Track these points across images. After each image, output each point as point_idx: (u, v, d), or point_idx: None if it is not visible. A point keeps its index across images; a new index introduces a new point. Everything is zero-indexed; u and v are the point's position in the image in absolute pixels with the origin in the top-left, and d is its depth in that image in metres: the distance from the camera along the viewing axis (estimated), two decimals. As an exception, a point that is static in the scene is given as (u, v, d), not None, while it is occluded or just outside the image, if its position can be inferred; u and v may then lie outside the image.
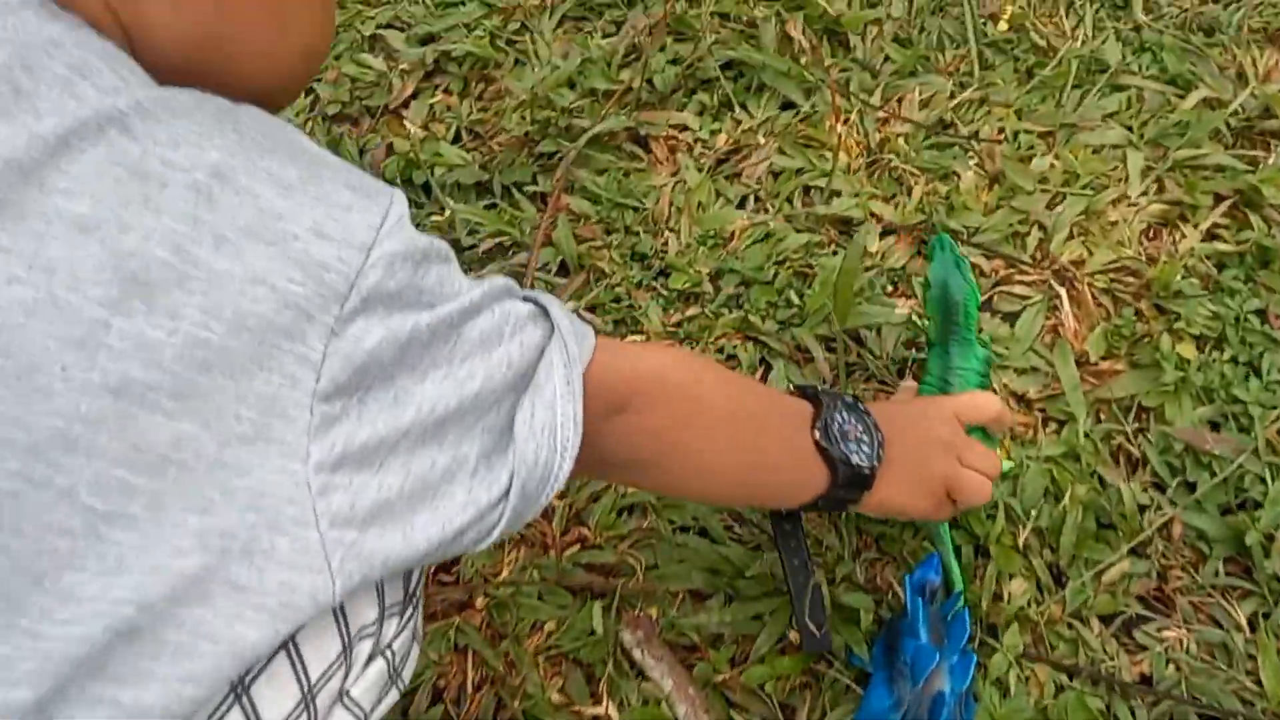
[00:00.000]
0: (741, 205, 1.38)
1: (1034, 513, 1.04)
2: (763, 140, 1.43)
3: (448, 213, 1.39)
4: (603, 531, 1.07)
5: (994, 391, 1.11)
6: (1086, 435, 1.09)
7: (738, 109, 1.49)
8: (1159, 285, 1.19)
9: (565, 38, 1.62)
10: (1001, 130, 1.41)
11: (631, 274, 1.30)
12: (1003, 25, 1.54)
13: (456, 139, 1.53)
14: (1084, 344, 1.16)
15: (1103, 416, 1.12)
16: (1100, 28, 1.54)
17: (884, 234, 1.30)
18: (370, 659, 0.61)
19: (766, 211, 1.36)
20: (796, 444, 0.79)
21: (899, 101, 1.48)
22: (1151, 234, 1.28)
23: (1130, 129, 1.38)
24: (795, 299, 1.24)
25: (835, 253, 1.29)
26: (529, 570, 1.05)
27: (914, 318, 1.20)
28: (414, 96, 1.60)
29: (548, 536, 1.08)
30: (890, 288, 1.25)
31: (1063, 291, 1.21)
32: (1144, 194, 1.31)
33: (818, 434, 0.79)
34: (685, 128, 1.48)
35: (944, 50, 1.53)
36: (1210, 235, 1.26)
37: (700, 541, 1.05)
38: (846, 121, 1.44)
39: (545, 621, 1.02)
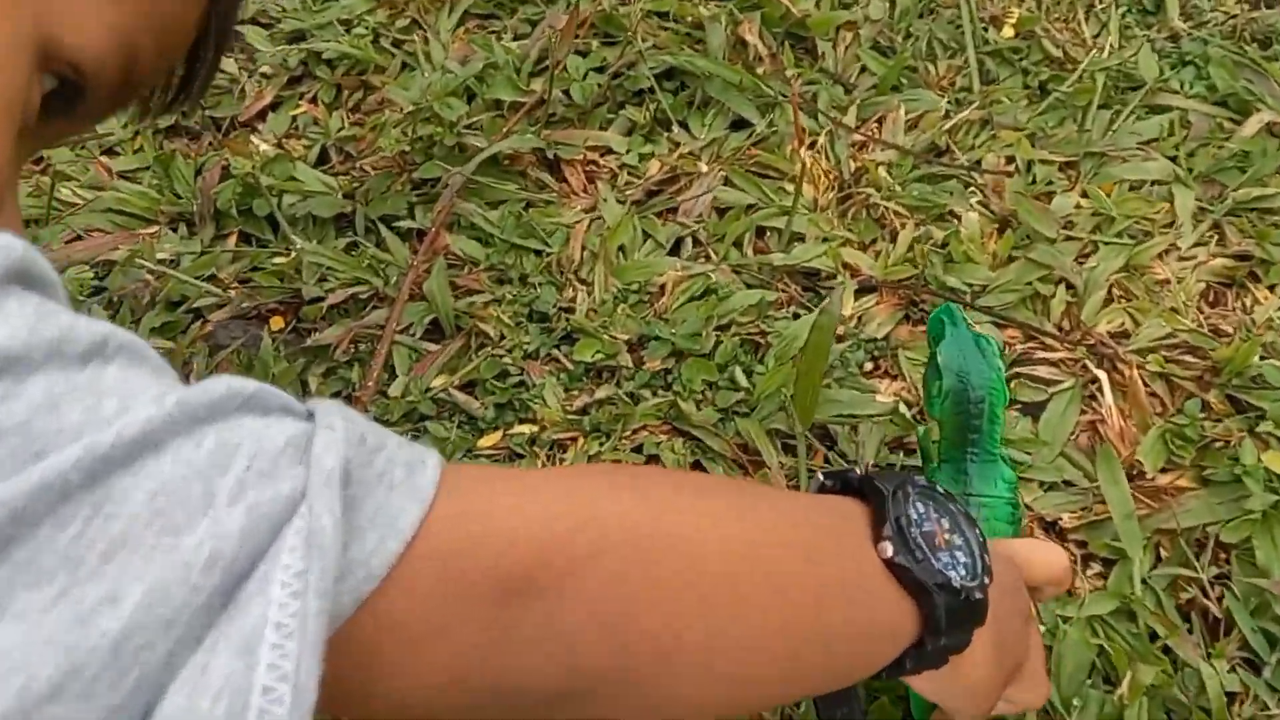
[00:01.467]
0: (675, 250, 1.06)
1: (1077, 703, 0.72)
2: (706, 167, 1.12)
3: (293, 254, 1.07)
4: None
5: (1023, 525, 0.80)
6: (1145, 583, 0.78)
7: (676, 128, 1.18)
8: (1231, 369, 0.88)
9: (466, 38, 1.31)
10: (1010, 160, 1.10)
11: (526, 339, 0.97)
12: (1007, 31, 1.24)
13: (322, 160, 1.21)
14: (1135, 450, 0.85)
15: (1164, 553, 0.81)
16: (1128, 36, 1.24)
17: (860, 292, 0.99)
18: None
19: (708, 259, 1.04)
20: (855, 574, 0.48)
21: (879, 122, 1.17)
22: (1213, 297, 0.98)
23: (1175, 160, 1.08)
24: (742, 378, 0.92)
25: (796, 316, 0.97)
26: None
27: (901, 407, 0.89)
28: (274, 107, 1.28)
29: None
30: (869, 364, 0.94)
31: (1103, 375, 0.90)
32: (1200, 244, 1.01)
33: (889, 547, 0.47)
34: (609, 150, 1.16)
35: (935, 60, 1.23)
36: (1293, 299, 0.96)
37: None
38: (813, 146, 1.13)
39: None
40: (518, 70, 1.24)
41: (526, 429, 0.91)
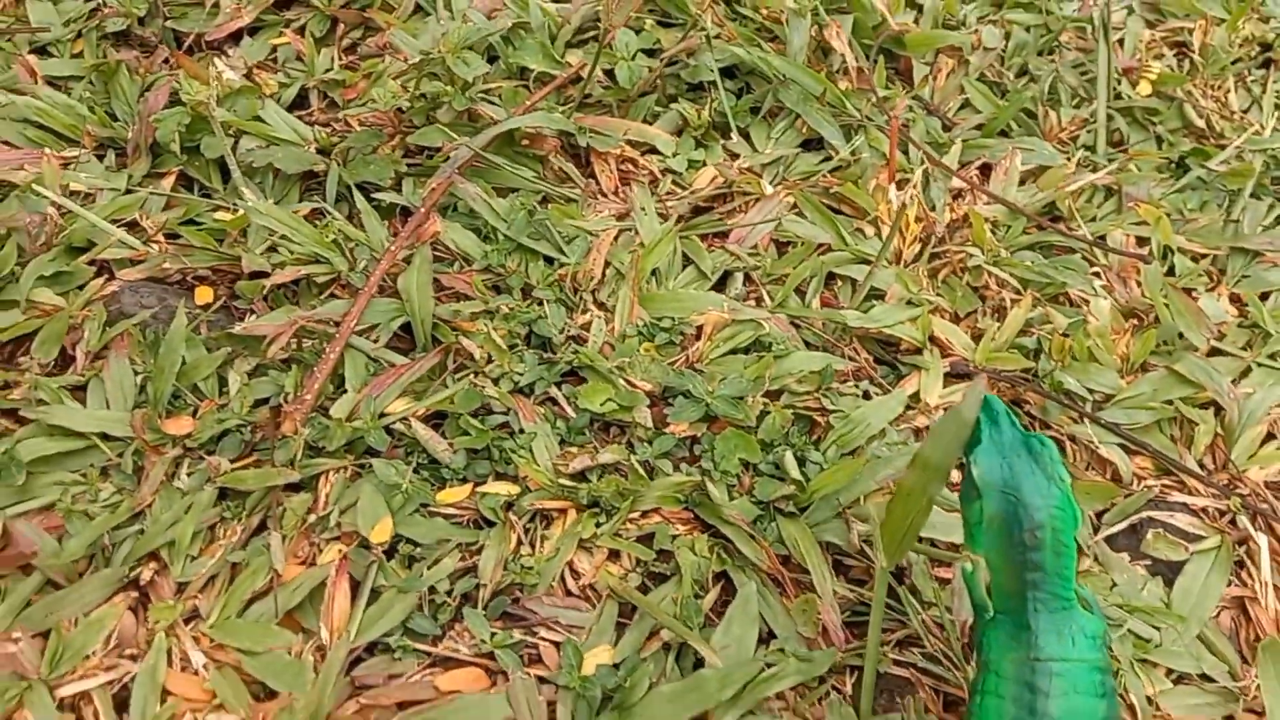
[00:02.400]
0: (721, 285, 0.87)
1: None
2: (770, 189, 0.93)
3: (241, 211, 0.87)
4: None
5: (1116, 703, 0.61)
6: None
7: (736, 136, 0.99)
8: None
9: (498, -12, 1.11)
10: (1142, 241, 0.92)
11: (519, 369, 0.78)
12: (1144, 88, 1.06)
13: (299, 104, 1.01)
14: (1301, 647, 0.67)
15: (1330, 797, 0.62)
16: (1285, 117, 1.07)
17: (952, 376, 0.80)
18: None
19: (760, 303, 0.85)
20: None
21: (983, 170, 0.99)
22: (1393, 455, 0.80)
23: (1344, 275, 0.90)
24: (793, 466, 0.72)
25: (866, 395, 0.78)
26: None
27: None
28: (252, 30, 1.08)
29: None
30: (957, 475, 0.75)
31: (1262, 539, 0.71)
32: (1375, 385, 0.83)
33: None
34: (652, 149, 0.97)
35: (1057, 107, 1.05)
36: None
37: None
38: (904, 186, 0.94)
39: None
40: (553, 37, 1.04)
41: (503, 488, 0.71)
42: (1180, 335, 0.82)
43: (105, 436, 0.72)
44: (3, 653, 0.61)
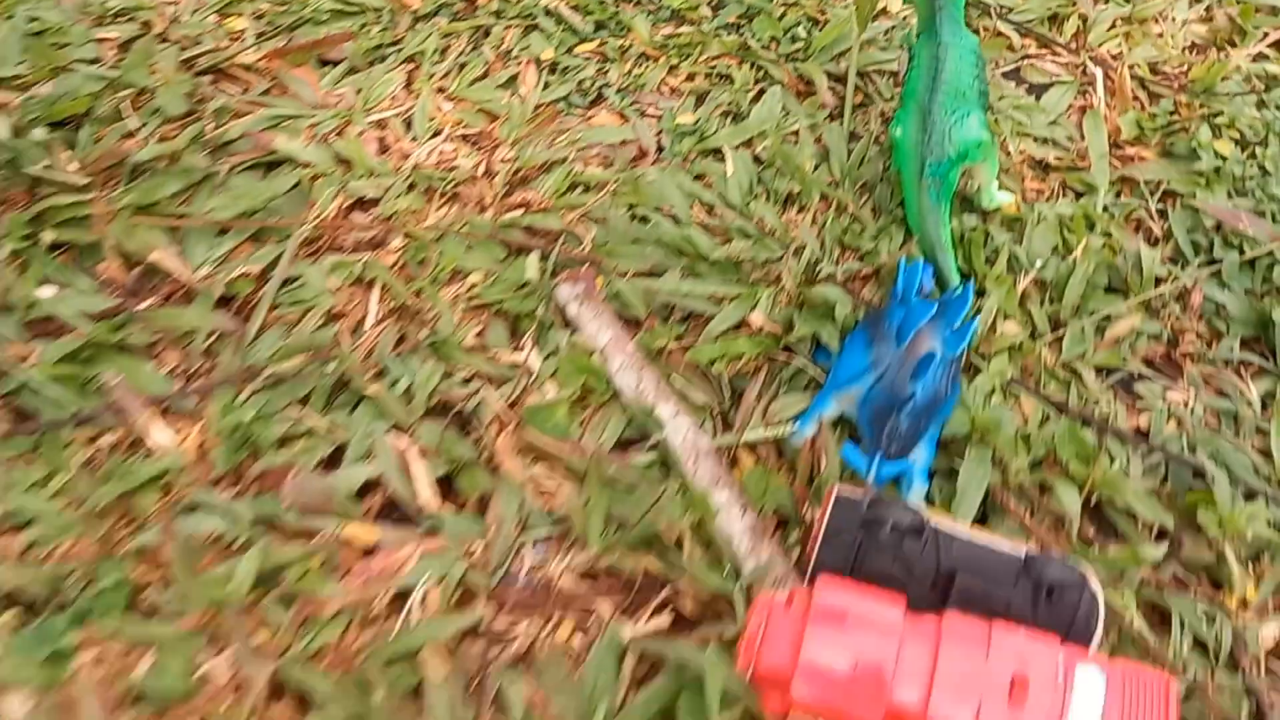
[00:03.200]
0: (755, -51, 1.32)
1: (1039, 263, 0.98)
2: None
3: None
4: (551, 197, 0.99)
5: (999, 139, 1.05)
6: (1105, 210, 1.04)
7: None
8: (1201, 85, 1.15)
9: None
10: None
11: (623, -12, 1.23)
12: None
13: None
14: (1115, 123, 1.12)
15: (1124, 196, 1.07)
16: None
17: None
18: None
19: (782, -38, 1.30)
20: None
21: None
22: (1194, 51, 1.24)
23: (1184, -41, 1.35)
24: (802, 34, 1.17)
25: (849, 6, 1.23)
26: (460, 224, 0.96)
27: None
28: None
29: (486, 197, 0.99)
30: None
31: (1098, 72, 1.16)
32: (1189, 19, 1.27)
33: None
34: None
35: None
36: (1260, 59, 1.23)
37: (664, 223, 0.97)
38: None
39: (471, 272, 0.93)
40: None
41: (620, 41, 1.16)
42: (1063, -23, 1.27)
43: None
44: (334, 95, 1.06)
